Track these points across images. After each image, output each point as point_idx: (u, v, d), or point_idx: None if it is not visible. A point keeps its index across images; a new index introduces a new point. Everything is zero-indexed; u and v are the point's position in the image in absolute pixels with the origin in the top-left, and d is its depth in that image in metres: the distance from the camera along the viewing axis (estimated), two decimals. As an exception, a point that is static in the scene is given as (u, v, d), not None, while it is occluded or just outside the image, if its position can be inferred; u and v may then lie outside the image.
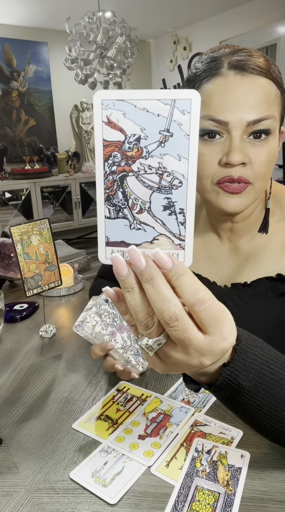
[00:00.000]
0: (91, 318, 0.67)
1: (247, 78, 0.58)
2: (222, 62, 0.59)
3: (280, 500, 0.47)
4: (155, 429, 0.59)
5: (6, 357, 0.82)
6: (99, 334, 0.66)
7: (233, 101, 0.58)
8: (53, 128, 4.57)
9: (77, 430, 0.60)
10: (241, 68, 0.58)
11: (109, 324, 0.67)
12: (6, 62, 4.14)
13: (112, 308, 0.69)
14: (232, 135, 0.58)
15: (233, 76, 0.58)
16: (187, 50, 4.54)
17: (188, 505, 0.47)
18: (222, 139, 0.60)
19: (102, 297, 0.69)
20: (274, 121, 0.59)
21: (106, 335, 0.66)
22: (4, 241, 1.14)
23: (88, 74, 3.21)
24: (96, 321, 0.67)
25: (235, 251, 0.72)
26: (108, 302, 0.69)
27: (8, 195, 4.18)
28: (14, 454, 0.56)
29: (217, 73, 0.59)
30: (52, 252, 0.85)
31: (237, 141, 0.58)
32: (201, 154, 0.61)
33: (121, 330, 0.68)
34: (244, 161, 0.59)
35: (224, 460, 0.53)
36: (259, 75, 0.58)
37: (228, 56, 0.59)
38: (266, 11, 3.65)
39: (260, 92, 0.57)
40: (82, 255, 3.53)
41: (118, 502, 0.48)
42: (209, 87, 0.59)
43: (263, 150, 0.59)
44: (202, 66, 0.61)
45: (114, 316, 0.68)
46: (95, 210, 5.22)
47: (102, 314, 0.68)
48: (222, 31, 4.10)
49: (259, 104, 0.57)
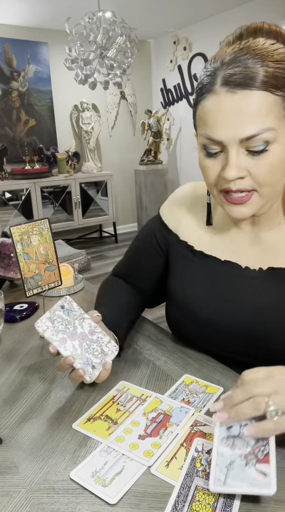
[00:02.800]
0: (42, 323, 0.66)
1: (238, 95, 0.57)
2: (216, 77, 0.59)
3: (280, 500, 0.47)
4: (155, 429, 0.59)
5: (6, 357, 0.82)
6: (49, 340, 0.65)
7: (224, 120, 0.58)
8: (53, 128, 4.57)
9: (77, 430, 0.60)
10: (232, 85, 0.57)
11: (61, 331, 0.67)
12: (6, 62, 4.14)
13: (67, 314, 0.68)
14: (228, 151, 0.60)
15: (224, 94, 0.58)
16: (187, 50, 4.54)
17: (188, 505, 0.47)
18: (222, 153, 0.62)
19: (58, 303, 0.69)
20: (272, 132, 0.58)
21: (56, 341, 0.66)
22: (4, 241, 1.14)
23: (88, 74, 3.21)
24: (47, 326, 0.66)
25: (257, 240, 0.74)
26: (64, 309, 0.68)
27: (8, 195, 4.18)
28: (14, 454, 0.56)
29: (211, 90, 0.60)
30: (52, 252, 0.85)
31: (233, 158, 0.60)
32: (205, 166, 0.65)
33: (73, 338, 0.67)
34: (241, 176, 0.60)
35: (224, 460, 0.53)
36: (251, 89, 0.56)
37: (223, 69, 0.58)
38: (266, 11, 3.65)
39: (253, 108, 0.57)
40: (82, 255, 3.53)
41: (118, 502, 0.48)
42: (206, 104, 0.61)
43: (264, 161, 0.59)
44: (203, 79, 0.62)
45: (67, 323, 0.68)
46: (95, 210, 5.19)
47: (55, 320, 0.67)
48: (222, 31, 4.10)
49: (251, 120, 0.57)
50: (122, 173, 5.15)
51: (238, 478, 0.47)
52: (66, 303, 0.69)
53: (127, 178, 5.19)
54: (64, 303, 0.69)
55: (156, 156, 4.75)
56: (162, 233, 0.85)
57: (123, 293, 0.89)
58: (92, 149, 4.79)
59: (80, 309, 0.70)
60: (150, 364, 0.77)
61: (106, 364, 0.67)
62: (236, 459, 0.49)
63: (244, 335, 0.72)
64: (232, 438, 0.52)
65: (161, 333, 0.89)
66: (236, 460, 0.49)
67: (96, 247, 4.75)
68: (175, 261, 0.82)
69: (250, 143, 0.58)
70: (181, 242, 0.81)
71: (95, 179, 4.70)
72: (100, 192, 4.81)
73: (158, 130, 4.67)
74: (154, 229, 0.87)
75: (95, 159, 4.83)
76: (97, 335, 0.69)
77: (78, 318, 0.69)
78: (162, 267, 0.87)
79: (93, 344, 0.68)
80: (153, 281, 0.89)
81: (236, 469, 0.48)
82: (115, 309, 0.83)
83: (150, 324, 0.94)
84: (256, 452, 0.49)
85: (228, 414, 0.52)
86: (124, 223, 5.27)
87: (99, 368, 0.66)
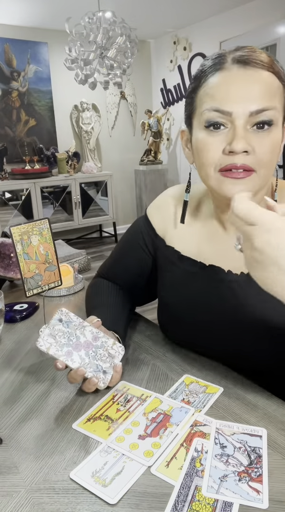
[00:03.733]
0: (44, 341, 0.65)
1: (250, 71, 0.61)
2: (226, 57, 0.64)
3: (280, 500, 0.47)
4: (155, 429, 0.59)
5: (6, 357, 0.82)
6: (55, 356, 0.65)
7: (236, 93, 0.61)
8: (53, 128, 4.57)
9: (77, 430, 0.60)
10: (243, 62, 0.62)
11: (65, 344, 0.66)
12: (6, 62, 4.14)
13: (66, 327, 0.68)
14: (235, 125, 0.62)
15: (236, 70, 0.62)
16: (187, 50, 4.54)
17: (188, 505, 0.47)
18: (226, 129, 0.63)
19: (55, 317, 0.68)
20: (276, 112, 0.62)
21: (62, 355, 0.65)
22: (4, 241, 1.14)
23: (88, 74, 3.21)
24: (50, 343, 0.66)
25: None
26: (63, 321, 0.68)
27: (8, 195, 4.18)
28: (14, 454, 0.56)
29: (221, 68, 0.63)
30: (52, 252, 0.85)
31: (241, 130, 0.62)
32: (206, 143, 0.65)
33: (78, 348, 0.67)
34: (247, 149, 0.62)
35: (224, 460, 0.53)
36: (261, 69, 0.61)
37: (232, 52, 0.64)
38: (266, 11, 3.65)
39: (262, 84, 0.61)
40: (82, 255, 3.53)
41: (118, 502, 0.48)
42: (215, 80, 0.64)
43: (266, 140, 0.62)
44: (208, 62, 0.66)
45: (69, 335, 0.67)
46: (95, 210, 5.18)
47: (56, 335, 0.66)
48: (222, 31, 4.10)
49: (261, 95, 0.61)
50: (122, 173, 5.15)
51: (231, 490, 0.48)
52: (63, 315, 0.68)
53: (127, 178, 5.19)
54: (61, 316, 0.68)
55: (156, 156, 4.75)
56: (150, 236, 0.86)
57: (113, 293, 0.89)
58: (92, 149, 4.79)
59: (78, 318, 0.69)
60: (149, 364, 0.77)
61: (117, 366, 0.67)
62: (229, 474, 0.50)
63: (230, 337, 0.72)
64: (226, 456, 0.53)
65: (161, 333, 0.89)
66: (229, 474, 0.50)
67: (96, 247, 4.75)
68: (162, 265, 0.83)
69: (257, 118, 0.61)
70: (168, 247, 0.82)
71: (95, 179, 4.70)
72: (100, 192, 4.81)
73: (158, 130, 4.67)
74: (142, 231, 0.87)
75: (95, 159, 4.83)
76: (101, 340, 0.69)
77: (78, 327, 0.68)
78: (149, 266, 0.87)
79: (99, 350, 0.68)
80: (141, 280, 0.89)
81: (229, 482, 0.49)
82: (110, 309, 0.83)
83: (150, 324, 0.94)
84: (249, 472, 0.50)
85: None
86: (124, 223, 5.26)
87: (111, 372, 0.67)
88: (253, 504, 0.46)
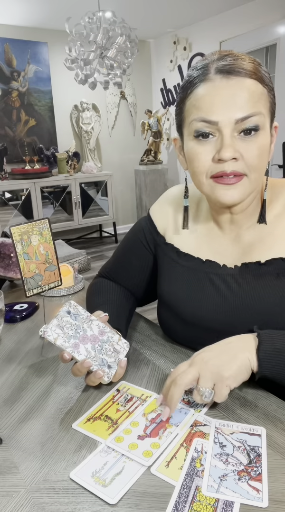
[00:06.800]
0: (52, 331, 0.66)
1: (233, 80, 0.63)
2: (209, 68, 0.65)
3: (280, 500, 0.47)
4: (154, 429, 0.59)
5: (6, 357, 0.82)
6: (62, 347, 0.65)
7: (221, 102, 0.63)
8: (53, 128, 4.57)
9: (77, 430, 0.60)
10: (226, 72, 0.63)
11: (72, 336, 0.67)
12: (6, 62, 4.14)
13: (74, 319, 0.68)
14: (223, 133, 0.64)
15: (219, 80, 0.64)
16: (187, 50, 4.54)
17: (189, 505, 0.47)
18: (214, 138, 0.66)
19: (63, 309, 0.68)
20: (262, 117, 0.64)
21: (69, 347, 0.66)
22: (4, 241, 1.14)
23: (88, 74, 3.21)
24: (57, 334, 0.66)
25: (238, 240, 0.77)
26: (71, 314, 0.68)
27: (8, 195, 4.18)
28: (14, 454, 0.56)
29: (205, 79, 0.65)
30: (52, 252, 0.85)
31: (228, 139, 0.64)
32: (196, 153, 0.68)
33: (85, 341, 0.67)
34: (235, 156, 0.64)
35: (224, 460, 0.53)
36: (244, 77, 0.63)
37: (215, 62, 0.65)
38: (266, 11, 3.65)
39: (246, 92, 0.63)
40: (82, 255, 3.53)
41: (118, 502, 0.48)
42: (200, 91, 0.65)
43: (253, 145, 0.64)
44: (193, 73, 0.67)
45: (77, 327, 0.68)
46: (95, 210, 5.18)
47: (64, 327, 0.67)
48: (222, 31, 4.10)
49: (245, 103, 0.63)
50: (122, 173, 5.15)
51: (231, 489, 0.48)
52: (72, 307, 0.69)
53: (127, 178, 5.19)
54: (70, 308, 0.69)
55: (156, 156, 4.76)
56: (151, 233, 0.88)
57: (115, 292, 0.90)
58: (92, 149, 4.79)
59: (86, 311, 0.70)
60: (149, 364, 0.77)
61: (121, 361, 0.69)
62: (229, 473, 0.50)
63: (227, 331, 0.72)
64: (225, 455, 0.53)
65: (161, 333, 0.89)
66: (229, 474, 0.50)
67: (96, 247, 4.75)
68: (162, 262, 0.85)
69: (243, 125, 0.63)
70: (167, 244, 0.84)
71: (95, 179, 4.70)
72: (100, 192, 4.81)
73: (158, 130, 4.67)
74: (144, 228, 0.89)
75: (95, 159, 4.83)
76: (107, 335, 0.70)
77: (86, 321, 0.69)
78: (151, 265, 0.89)
79: (105, 344, 0.69)
80: (142, 278, 0.91)
81: (229, 481, 0.49)
82: (111, 307, 0.83)
83: (150, 324, 0.94)
84: (249, 471, 0.51)
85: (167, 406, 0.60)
86: (124, 223, 5.27)
87: (115, 367, 0.68)
88: (253, 503, 0.46)
